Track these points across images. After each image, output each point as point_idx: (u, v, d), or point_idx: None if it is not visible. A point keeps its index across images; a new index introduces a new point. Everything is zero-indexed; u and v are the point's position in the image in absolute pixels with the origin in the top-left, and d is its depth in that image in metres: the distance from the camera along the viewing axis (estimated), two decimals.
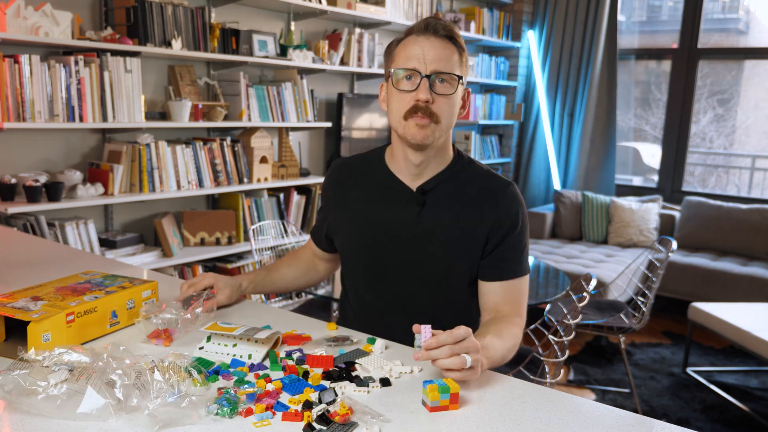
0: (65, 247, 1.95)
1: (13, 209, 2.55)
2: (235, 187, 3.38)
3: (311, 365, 1.08)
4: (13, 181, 2.64)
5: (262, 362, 1.09)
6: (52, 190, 2.66)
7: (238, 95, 3.38)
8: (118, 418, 0.87)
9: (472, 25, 4.91)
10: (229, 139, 3.39)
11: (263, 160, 3.56)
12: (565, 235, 4.93)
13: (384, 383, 1.02)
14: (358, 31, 4.04)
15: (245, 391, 0.95)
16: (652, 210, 4.73)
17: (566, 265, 4.06)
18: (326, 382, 1.02)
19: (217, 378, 1.02)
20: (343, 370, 1.06)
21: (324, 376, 1.04)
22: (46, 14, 2.60)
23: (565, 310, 2.06)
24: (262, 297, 3.37)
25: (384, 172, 1.40)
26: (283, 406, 0.93)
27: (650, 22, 5.67)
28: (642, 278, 3.90)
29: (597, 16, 5.09)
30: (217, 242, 3.38)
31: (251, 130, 3.54)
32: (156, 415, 0.86)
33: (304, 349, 1.15)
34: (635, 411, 2.80)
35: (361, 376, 1.04)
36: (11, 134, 2.72)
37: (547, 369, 2.00)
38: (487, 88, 5.56)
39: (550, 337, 1.95)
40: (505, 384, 1.06)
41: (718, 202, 4.64)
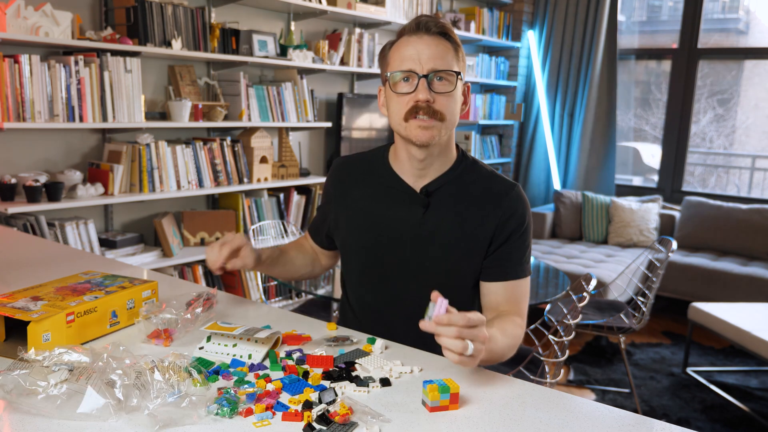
0: (65, 247, 1.95)
1: (13, 209, 2.55)
2: (235, 187, 3.38)
3: (311, 365, 1.08)
4: (13, 181, 2.64)
5: (262, 362, 1.09)
6: (52, 190, 2.66)
7: (238, 95, 3.38)
8: (118, 418, 0.87)
9: (472, 25, 4.91)
10: (229, 139, 3.39)
11: (263, 160, 3.56)
12: (565, 235, 4.93)
13: (384, 383, 1.02)
14: (358, 31, 4.04)
15: (245, 391, 0.95)
16: (652, 210, 4.73)
17: (566, 265, 4.06)
18: (326, 382, 1.02)
19: (217, 378, 1.02)
20: (343, 370, 1.06)
21: (324, 376, 1.04)
22: (46, 14, 2.60)
23: (565, 310, 2.06)
24: (262, 297, 3.37)
25: (387, 172, 1.39)
26: (283, 406, 0.93)
27: (650, 22, 5.67)
28: (642, 278, 3.90)
29: (597, 16, 5.09)
30: None
31: (251, 130, 3.54)
32: (156, 415, 0.85)
33: (304, 349, 1.15)
34: (635, 411, 2.80)
35: (361, 376, 1.04)
36: (11, 134, 2.72)
37: (547, 369, 2.00)
38: (487, 88, 5.56)
39: (550, 337, 1.95)
40: (505, 384, 1.06)
41: (718, 202, 4.64)
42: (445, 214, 1.33)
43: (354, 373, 1.05)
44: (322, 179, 3.82)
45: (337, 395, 0.95)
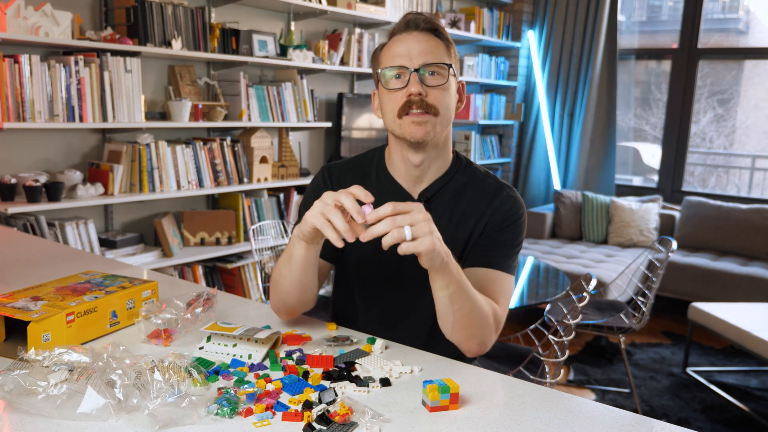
0: (65, 247, 1.95)
1: (13, 209, 2.55)
2: (235, 187, 3.38)
3: (311, 365, 1.08)
4: (13, 181, 2.64)
5: (262, 362, 1.09)
6: (52, 190, 2.66)
7: (238, 95, 3.38)
8: (118, 418, 0.87)
9: (472, 25, 4.91)
10: (229, 139, 3.39)
11: (263, 160, 3.56)
12: (565, 235, 4.93)
13: (384, 383, 1.02)
14: (358, 31, 4.04)
15: (245, 391, 0.95)
16: (652, 210, 4.73)
17: (566, 265, 4.06)
18: (326, 382, 1.02)
19: (217, 378, 1.02)
20: (343, 370, 1.06)
21: (324, 376, 1.03)
22: (46, 14, 2.60)
23: (565, 310, 2.06)
24: (262, 297, 3.37)
25: (384, 177, 1.34)
26: (283, 406, 0.93)
27: (650, 22, 5.67)
28: (642, 278, 3.90)
29: (597, 16, 5.09)
30: (217, 242, 3.38)
31: (251, 130, 3.54)
32: (156, 415, 0.85)
33: (304, 349, 1.15)
34: (635, 411, 2.80)
35: (361, 376, 1.04)
36: (11, 134, 2.72)
37: (547, 369, 2.00)
38: (487, 88, 5.56)
39: (550, 337, 1.95)
40: (505, 384, 1.06)
41: (718, 202, 4.64)
42: (442, 219, 1.30)
43: (354, 373, 1.05)
44: None
45: (337, 395, 0.95)
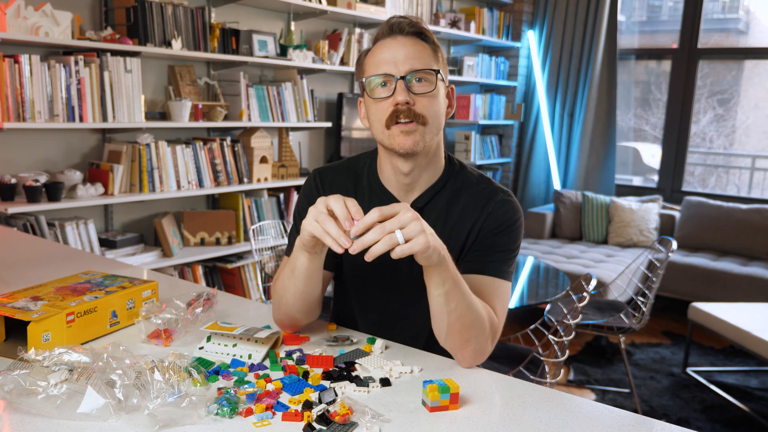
0: (65, 247, 1.95)
1: (13, 209, 2.55)
2: (235, 187, 3.38)
3: (311, 365, 1.08)
4: (13, 181, 2.64)
5: (262, 362, 1.09)
6: (52, 190, 2.66)
7: (238, 95, 3.38)
8: (118, 418, 0.87)
9: (472, 25, 4.91)
10: (229, 139, 3.39)
11: (263, 160, 3.56)
12: (565, 235, 4.93)
13: (384, 383, 1.02)
14: (358, 31, 4.04)
15: (245, 391, 0.95)
16: (652, 210, 4.73)
17: (566, 265, 4.06)
18: (326, 382, 1.02)
19: (217, 378, 1.02)
20: (343, 370, 1.06)
21: (324, 376, 1.04)
22: (46, 14, 2.60)
23: (565, 310, 2.06)
24: (262, 297, 3.37)
25: (375, 185, 1.30)
26: (283, 406, 0.93)
27: (650, 22, 5.67)
28: (642, 278, 3.90)
29: (597, 16, 5.09)
30: (217, 242, 3.38)
31: (251, 130, 3.54)
32: (156, 415, 0.85)
33: (304, 349, 1.15)
34: (635, 411, 2.80)
35: (361, 376, 1.04)
36: (11, 134, 2.72)
37: (547, 369, 2.00)
38: (487, 88, 5.56)
39: (550, 337, 1.95)
40: (505, 384, 1.06)
41: (718, 202, 4.64)
42: (436, 227, 1.22)
43: (354, 373, 1.05)
44: None
45: (337, 395, 0.95)
